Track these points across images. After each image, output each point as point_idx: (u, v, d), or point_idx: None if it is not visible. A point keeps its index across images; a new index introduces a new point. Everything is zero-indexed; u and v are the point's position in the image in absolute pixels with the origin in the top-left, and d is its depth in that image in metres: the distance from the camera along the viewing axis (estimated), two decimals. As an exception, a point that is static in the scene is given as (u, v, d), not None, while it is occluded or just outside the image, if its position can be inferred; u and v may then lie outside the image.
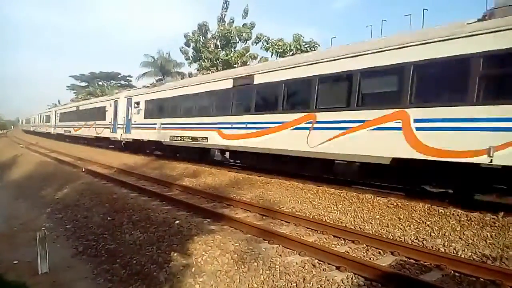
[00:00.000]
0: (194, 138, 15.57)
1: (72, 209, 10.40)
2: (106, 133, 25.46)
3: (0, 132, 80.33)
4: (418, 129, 8.01)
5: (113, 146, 26.20)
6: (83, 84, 68.92)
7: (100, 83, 63.14)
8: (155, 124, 18.87)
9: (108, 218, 8.86)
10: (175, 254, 6.16)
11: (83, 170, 15.73)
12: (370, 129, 8.87)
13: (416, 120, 8.06)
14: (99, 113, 26.88)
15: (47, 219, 10.38)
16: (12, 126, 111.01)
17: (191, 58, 32.86)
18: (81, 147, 29.38)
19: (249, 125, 12.57)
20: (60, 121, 41.22)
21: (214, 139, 14.36)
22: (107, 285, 6.23)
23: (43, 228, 8.31)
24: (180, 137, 16.61)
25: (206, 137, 14.78)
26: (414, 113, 8.11)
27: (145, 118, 20.38)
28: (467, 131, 7.30)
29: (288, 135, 10.96)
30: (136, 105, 21.50)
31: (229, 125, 13.56)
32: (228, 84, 13.89)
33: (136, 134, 21.26)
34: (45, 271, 6.72)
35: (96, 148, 27.77)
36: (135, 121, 21.42)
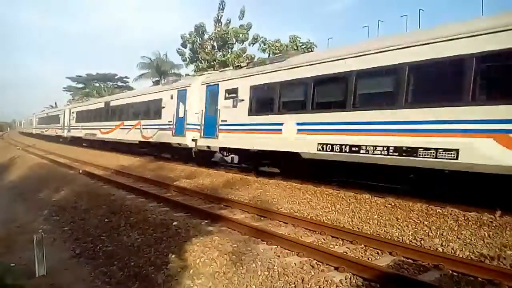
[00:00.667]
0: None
1: (69, 211, 10.36)
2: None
3: None
4: None
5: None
6: (80, 85, 68.81)
7: (96, 84, 63.01)
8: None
9: (106, 220, 8.82)
10: (173, 256, 6.14)
11: (80, 172, 15.68)
12: None
13: None
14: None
15: (44, 221, 10.33)
16: (8, 128, 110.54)
17: (188, 59, 32.88)
18: (78, 149, 29.26)
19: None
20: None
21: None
22: (105, 287, 6.21)
23: (40, 231, 8.30)
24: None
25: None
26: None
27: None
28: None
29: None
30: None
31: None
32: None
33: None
34: (43, 274, 6.68)
35: (93, 150, 27.63)
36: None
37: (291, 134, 11.02)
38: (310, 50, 24.88)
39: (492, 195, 7.51)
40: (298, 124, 10.91)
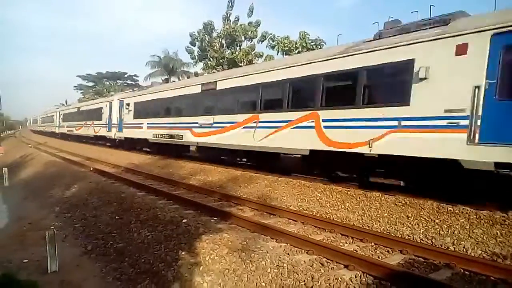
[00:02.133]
0: None
1: (81, 208, 10.48)
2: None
3: (8, 133, 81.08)
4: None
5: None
6: (90, 84, 69.46)
7: (107, 82, 63.50)
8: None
9: (116, 217, 8.91)
10: (183, 253, 6.18)
11: (91, 169, 15.84)
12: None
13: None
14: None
15: (56, 218, 10.46)
16: (20, 126, 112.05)
17: (196, 57, 32.93)
18: (90, 147, 29.55)
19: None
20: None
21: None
22: (116, 283, 6.26)
23: (52, 227, 8.40)
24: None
25: None
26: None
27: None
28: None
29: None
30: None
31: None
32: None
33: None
34: (55, 270, 6.77)
35: (104, 148, 27.89)
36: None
37: (145, 129, 20.71)
38: (319, 46, 24.75)
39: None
40: (148, 124, 20.58)
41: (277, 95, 12.09)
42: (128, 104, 23.47)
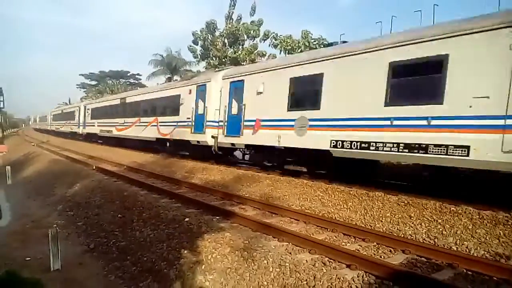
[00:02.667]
0: None
1: (83, 207, 10.52)
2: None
3: (11, 131, 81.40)
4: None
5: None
6: (93, 82, 69.61)
7: (109, 81, 63.62)
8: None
9: (119, 216, 8.94)
10: (185, 252, 6.19)
11: (94, 168, 15.88)
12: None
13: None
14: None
15: (59, 216, 10.51)
16: (23, 125, 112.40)
17: (199, 56, 32.94)
18: (91, 145, 29.63)
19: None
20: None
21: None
22: (118, 282, 6.30)
23: (54, 226, 8.42)
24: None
25: None
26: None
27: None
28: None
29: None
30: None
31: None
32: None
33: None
34: (57, 268, 6.81)
35: (106, 146, 27.95)
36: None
37: (96, 126, 29.73)
38: (322, 46, 24.71)
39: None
40: (97, 123, 29.99)
41: (145, 107, 21.61)
42: (88, 109, 33.09)
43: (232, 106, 14.12)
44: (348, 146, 9.40)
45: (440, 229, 6.58)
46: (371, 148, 8.87)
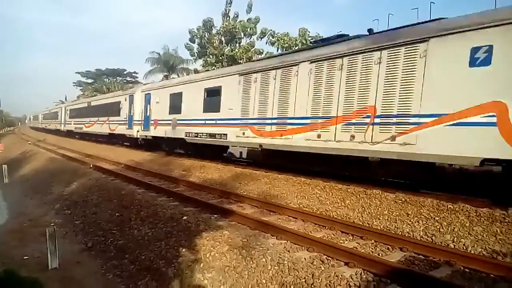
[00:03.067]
0: None
1: (81, 205, 10.50)
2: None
3: (8, 129, 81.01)
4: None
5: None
6: (90, 80, 69.31)
7: (106, 79, 63.36)
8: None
9: (116, 214, 8.92)
10: (184, 250, 6.20)
11: (91, 166, 15.84)
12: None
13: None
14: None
15: (56, 215, 10.50)
16: (19, 123, 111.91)
17: (196, 54, 32.89)
18: (88, 143, 29.54)
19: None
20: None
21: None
22: (116, 280, 6.30)
23: (52, 224, 8.41)
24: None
25: None
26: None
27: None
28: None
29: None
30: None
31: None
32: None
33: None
34: (55, 267, 6.81)
35: (103, 145, 27.88)
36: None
37: (72, 124, 37.33)
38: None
39: None
40: (74, 122, 37.41)
41: (102, 110, 27.45)
42: (67, 110, 40.31)
43: (146, 110, 20.18)
44: (191, 135, 15.87)
45: (438, 227, 6.61)
46: (199, 136, 15.38)
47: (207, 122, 14.73)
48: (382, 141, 8.47)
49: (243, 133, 12.76)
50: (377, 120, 8.60)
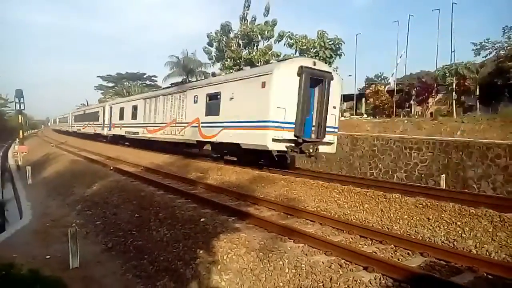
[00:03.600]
0: None
1: (101, 206, 10.69)
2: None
3: (31, 132, 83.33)
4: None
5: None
6: (110, 84, 70.79)
7: (126, 83, 64.58)
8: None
9: (136, 215, 9.05)
10: (201, 252, 6.23)
11: (112, 168, 16.12)
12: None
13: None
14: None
15: (77, 215, 10.72)
16: (42, 126, 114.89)
17: (214, 58, 33.16)
18: (109, 146, 30.08)
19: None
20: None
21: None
22: (135, 280, 6.38)
23: (73, 225, 8.60)
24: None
25: None
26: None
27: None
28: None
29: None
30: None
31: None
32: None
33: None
34: (76, 266, 6.94)
35: (124, 147, 28.37)
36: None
37: (76, 127, 48.95)
38: (338, 46, 24.56)
39: None
40: (76, 124, 49.88)
41: (90, 116, 39.55)
42: (73, 115, 51.54)
43: (111, 117, 30.81)
44: (127, 133, 27.20)
45: (460, 232, 6.45)
46: (128, 134, 27.21)
47: (131, 124, 25.76)
48: (179, 133, 18.61)
49: (143, 131, 23.44)
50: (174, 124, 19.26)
